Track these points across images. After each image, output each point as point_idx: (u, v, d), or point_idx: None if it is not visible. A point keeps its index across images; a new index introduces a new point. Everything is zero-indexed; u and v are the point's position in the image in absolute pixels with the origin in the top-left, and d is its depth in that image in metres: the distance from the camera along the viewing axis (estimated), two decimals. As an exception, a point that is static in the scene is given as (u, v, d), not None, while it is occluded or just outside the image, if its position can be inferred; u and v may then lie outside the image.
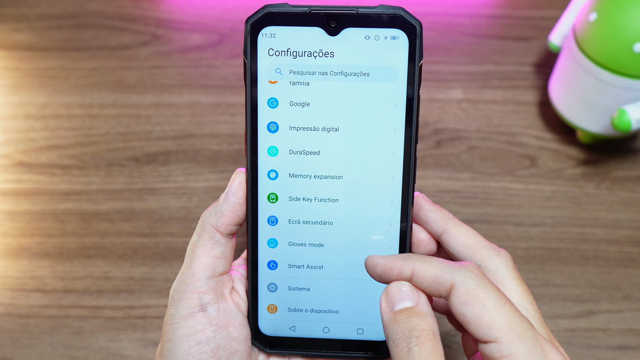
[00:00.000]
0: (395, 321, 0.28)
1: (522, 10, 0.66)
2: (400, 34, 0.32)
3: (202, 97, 0.61)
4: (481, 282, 0.28)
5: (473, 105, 0.60)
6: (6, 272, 0.52)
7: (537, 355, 0.26)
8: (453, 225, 0.34)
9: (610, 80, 0.50)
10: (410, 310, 0.28)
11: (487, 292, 0.27)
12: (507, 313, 0.27)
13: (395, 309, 0.29)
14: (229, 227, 0.34)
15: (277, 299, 0.36)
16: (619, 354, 0.48)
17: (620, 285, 0.51)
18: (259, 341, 0.36)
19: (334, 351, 0.36)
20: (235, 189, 0.34)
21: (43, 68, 0.63)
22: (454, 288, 0.28)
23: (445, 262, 0.29)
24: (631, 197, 0.55)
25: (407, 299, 0.29)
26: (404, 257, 0.30)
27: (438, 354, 0.27)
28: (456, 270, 0.28)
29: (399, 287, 0.29)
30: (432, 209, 0.34)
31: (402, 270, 0.29)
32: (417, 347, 0.27)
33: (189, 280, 0.33)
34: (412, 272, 0.29)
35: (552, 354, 0.27)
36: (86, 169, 0.57)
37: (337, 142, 0.34)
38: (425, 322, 0.28)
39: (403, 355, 0.27)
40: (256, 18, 0.32)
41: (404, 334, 0.28)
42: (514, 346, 0.26)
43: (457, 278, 0.28)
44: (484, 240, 0.33)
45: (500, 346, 0.26)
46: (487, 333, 0.27)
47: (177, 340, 0.32)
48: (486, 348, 0.27)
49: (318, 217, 0.35)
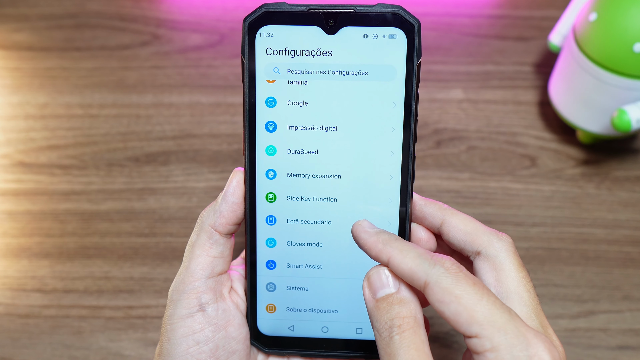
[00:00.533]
0: (377, 309, 0.28)
1: (522, 10, 0.66)
2: (399, 32, 0.32)
3: (202, 97, 0.61)
4: (455, 279, 0.27)
5: (473, 105, 0.60)
6: (6, 272, 0.52)
7: (519, 346, 0.26)
8: (450, 215, 0.33)
9: (610, 80, 0.50)
10: (391, 297, 0.28)
11: (462, 288, 0.27)
12: (484, 307, 0.27)
13: (378, 296, 0.29)
14: (228, 226, 0.34)
15: (276, 298, 0.36)
16: (619, 354, 0.48)
17: (620, 285, 0.51)
18: (257, 341, 0.36)
19: (332, 351, 0.36)
20: (233, 189, 0.34)
21: (43, 68, 0.63)
22: (428, 286, 0.27)
23: (422, 256, 0.28)
24: (631, 197, 0.55)
25: (387, 286, 0.29)
26: (385, 240, 0.29)
27: (419, 340, 0.27)
28: (430, 268, 0.28)
29: (379, 273, 0.29)
30: (427, 202, 0.34)
31: (379, 255, 0.29)
32: (398, 335, 0.27)
33: (188, 280, 0.33)
34: (388, 260, 0.29)
35: (535, 342, 0.26)
36: (86, 169, 0.57)
37: (335, 141, 0.34)
38: (407, 309, 0.28)
39: (385, 344, 0.27)
40: (254, 17, 0.32)
41: (385, 322, 0.28)
42: (495, 339, 0.26)
43: (431, 277, 0.27)
44: (483, 226, 0.33)
45: (482, 340, 0.26)
46: (468, 329, 0.26)
47: (175, 340, 0.32)
48: (470, 343, 0.27)
49: (316, 217, 0.35)
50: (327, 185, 0.34)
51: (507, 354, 0.26)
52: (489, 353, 0.26)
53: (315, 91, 0.33)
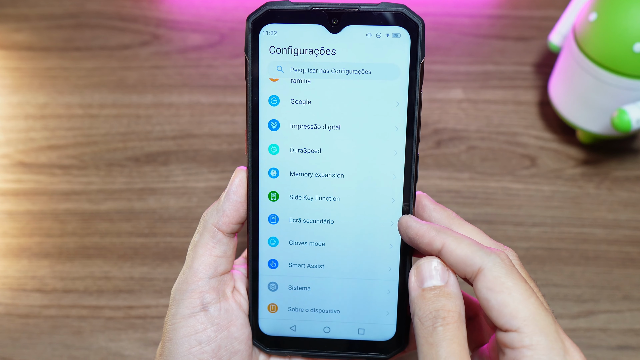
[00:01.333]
0: (422, 298, 0.29)
1: (522, 10, 0.66)
2: (402, 31, 0.32)
3: (202, 97, 0.61)
4: (509, 271, 0.28)
5: (473, 105, 0.60)
6: (6, 272, 0.52)
7: (557, 350, 0.26)
8: (457, 226, 0.33)
9: (610, 80, 0.50)
10: (439, 289, 0.29)
11: (514, 282, 0.27)
12: (532, 305, 0.27)
13: (425, 286, 0.29)
14: (231, 225, 0.34)
15: (278, 298, 0.36)
16: (619, 354, 0.48)
17: (620, 285, 0.51)
18: (259, 341, 0.36)
19: (334, 351, 0.36)
20: (236, 187, 0.34)
21: (43, 68, 0.63)
22: (482, 272, 0.28)
23: (477, 245, 0.29)
24: (631, 197, 0.55)
25: (437, 278, 0.29)
26: (438, 229, 0.30)
27: (461, 336, 0.28)
28: (487, 255, 0.28)
29: (430, 264, 0.29)
30: (436, 208, 0.34)
31: (432, 241, 0.29)
32: (442, 327, 0.28)
33: (191, 280, 0.33)
34: (442, 246, 0.29)
35: (572, 349, 0.27)
36: (86, 169, 0.57)
37: (338, 140, 0.34)
38: (453, 304, 0.28)
39: (427, 333, 0.28)
40: (257, 15, 0.32)
41: (430, 312, 0.28)
42: (535, 338, 0.26)
43: (486, 263, 0.28)
44: (488, 240, 0.32)
45: (521, 336, 0.27)
46: (509, 322, 0.27)
47: (178, 339, 0.32)
48: (506, 337, 0.27)
49: (319, 216, 0.35)
50: (329, 184, 0.34)
51: (544, 355, 0.26)
52: (526, 350, 0.26)
53: (319, 90, 0.33)
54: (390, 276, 0.35)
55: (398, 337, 0.35)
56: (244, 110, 0.60)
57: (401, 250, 0.34)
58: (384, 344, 0.36)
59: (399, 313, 0.35)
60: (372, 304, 0.35)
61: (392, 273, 0.35)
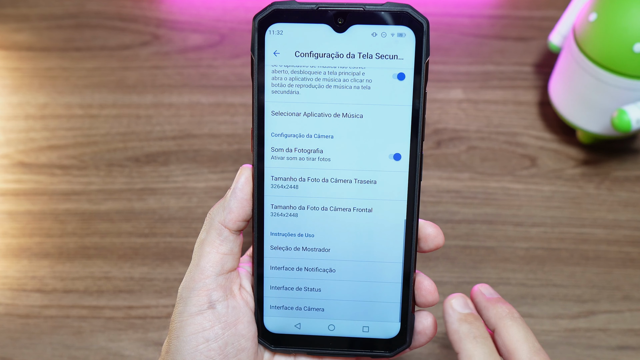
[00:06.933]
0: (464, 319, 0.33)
1: (522, 10, 0.66)
2: (407, 31, 0.32)
3: (202, 97, 0.61)
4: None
5: (473, 105, 0.60)
6: (6, 272, 0.52)
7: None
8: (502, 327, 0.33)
9: (610, 80, 0.50)
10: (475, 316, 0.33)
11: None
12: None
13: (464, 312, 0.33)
14: (237, 223, 0.34)
15: (283, 296, 0.36)
16: (619, 354, 0.48)
17: (620, 285, 0.51)
18: (264, 339, 0.36)
19: (339, 349, 0.36)
20: (242, 185, 0.34)
21: (43, 68, 0.63)
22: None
23: None
24: (631, 197, 0.55)
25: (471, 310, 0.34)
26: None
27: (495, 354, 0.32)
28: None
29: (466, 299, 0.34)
30: (487, 306, 0.34)
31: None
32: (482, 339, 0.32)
33: (198, 278, 0.33)
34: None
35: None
36: (86, 169, 0.57)
37: (343, 140, 0.34)
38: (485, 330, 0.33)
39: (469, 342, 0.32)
40: (264, 15, 0.33)
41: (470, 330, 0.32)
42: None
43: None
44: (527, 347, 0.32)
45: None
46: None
47: (185, 337, 0.32)
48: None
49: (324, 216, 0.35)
50: (334, 184, 0.34)
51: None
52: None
53: (324, 88, 0.33)
54: (394, 275, 0.35)
55: (402, 335, 0.35)
56: (244, 111, 0.60)
57: (405, 248, 0.35)
58: (388, 341, 0.36)
59: (403, 311, 0.35)
60: (377, 302, 0.35)
61: (396, 272, 0.35)
